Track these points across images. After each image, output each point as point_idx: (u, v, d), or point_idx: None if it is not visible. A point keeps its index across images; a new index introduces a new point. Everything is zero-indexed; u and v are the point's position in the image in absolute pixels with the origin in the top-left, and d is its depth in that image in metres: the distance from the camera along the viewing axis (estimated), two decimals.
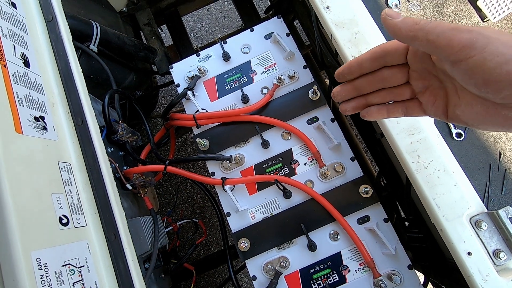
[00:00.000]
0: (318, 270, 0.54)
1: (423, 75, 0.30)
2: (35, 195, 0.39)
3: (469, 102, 0.27)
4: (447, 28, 0.24)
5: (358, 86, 0.34)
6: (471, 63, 0.23)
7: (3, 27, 0.46)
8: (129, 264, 0.44)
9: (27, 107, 0.44)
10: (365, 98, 0.35)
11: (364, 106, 0.35)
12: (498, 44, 0.23)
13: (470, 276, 0.40)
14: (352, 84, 0.34)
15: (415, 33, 0.25)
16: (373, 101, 0.35)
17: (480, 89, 0.25)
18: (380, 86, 0.33)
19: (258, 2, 1.58)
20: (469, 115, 0.28)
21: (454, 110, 0.29)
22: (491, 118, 0.26)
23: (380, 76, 0.32)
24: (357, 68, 0.33)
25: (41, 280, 0.35)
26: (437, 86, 0.30)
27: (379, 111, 0.35)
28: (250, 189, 0.59)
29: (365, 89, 0.34)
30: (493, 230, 0.42)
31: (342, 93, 0.35)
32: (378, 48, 0.31)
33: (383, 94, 0.34)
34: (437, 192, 0.43)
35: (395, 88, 0.33)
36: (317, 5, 0.52)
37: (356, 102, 0.35)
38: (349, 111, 0.36)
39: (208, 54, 0.67)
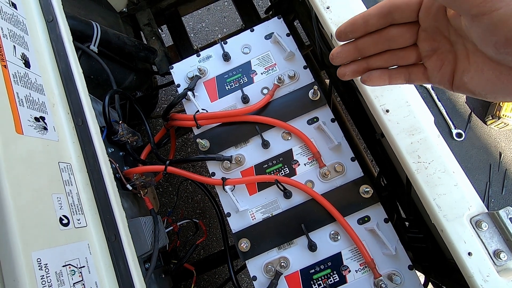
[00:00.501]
0: (319, 270, 0.54)
1: (433, 36, 0.28)
2: (35, 196, 0.39)
3: (480, 67, 0.25)
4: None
5: (361, 47, 0.31)
6: (496, 17, 0.21)
7: (3, 28, 0.46)
8: (129, 265, 0.44)
9: (28, 107, 0.44)
10: (367, 62, 0.32)
11: (365, 70, 0.32)
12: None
13: (470, 277, 0.40)
14: (355, 44, 0.31)
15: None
16: (375, 64, 0.31)
17: (499, 49, 0.22)
18: (385, 47, 0.30)
19: (259, 2, 1.58)
20: (478, 83, 0.25)
21: (462, 77, 0.26)
22: (502, 85, 0.24)
23: (386, 35, 0.29)
24: (361, 25, 0.29)
25: (42, 280, 0.35)
26: (446, 50, 0.27)
27: (381, 76, 0.32)
28: (251, 190, 0.59)
29: (368, 50, 0.31)
30: (493, 230, 0.42)
31: (342, 54, 0.32)
32: (387, 2, 0.28)
33: (386, 57, 0.31)
34: (437, 192, 0.43)
35: (400, 50, 0.30)
36: (317, 5, 0.52)
37: (356, 65, 0.32)
38: (348, 75, 0.33)
39: (208, 54, 0.67)
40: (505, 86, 0.24)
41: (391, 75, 0.31)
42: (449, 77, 0.28)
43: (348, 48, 0.31)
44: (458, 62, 0.27)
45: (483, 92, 0.26)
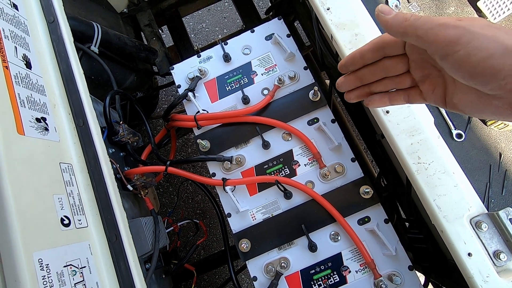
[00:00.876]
0: (319, 270, 0.54)
1: (422, 65, 0.31)
2: (36, 196, 0.39)
3: (464, 91, 0.28)
4: (435, 24, 0.25)
5: (361, 76, 0.35)
6: (457, 57, 0.25)
7: (4, 29, 0.46)
8: (130, 265, 0.45)
9: (29, 108, 0.44)
10: (368, 87, 0.36)
11: (367, 94, 0.36)
12: (483, 39, 0.24)
13: (470, 277, 0.40)
14: (355, 75, 0.35)
15: (405, 29, 0.27)
16: (376, 89, 0.35)
17: (467, 81, 0.26)
18: (382, 75, 0.34)
19: (259, 3, 1.58)
20: (465, 104, 0.28)
21: (452, 99, 0.29)
22: (484, 107, 0.27)
23: (382, 66, 0.33)
24: (359, 59, 0.34)
25: (43, 281, 0.35)
26: (436, 75, 0.31)
27: (381, 99, 0.36)
28: (251, 190, 0.59)
29: (367, 79, 0.35)
30: (493, 231, 0.42)
31: (346, 84, 0.36)
32: (378, 39, 0.32)
33: (385, 82, 0.35)
34: (437, 193, 0.43)
35: (396, 77, 0.34)
36: (317, 6, 0.52)
37: (359, 91, 0.36)
38: (353, 100, 0.37)
39: (208, 55, 0.67)
40: (486, 107, 0.27)
41: (391, 97, 0.35)
42: (442, 98, 0.31)
43: (350, 78, 0.36)
44: (447, 86, 0.30)
45: (472, 111, 0.29)
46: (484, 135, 1.09)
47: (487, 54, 0.23)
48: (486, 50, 0.23)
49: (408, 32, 0.26)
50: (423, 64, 0.31)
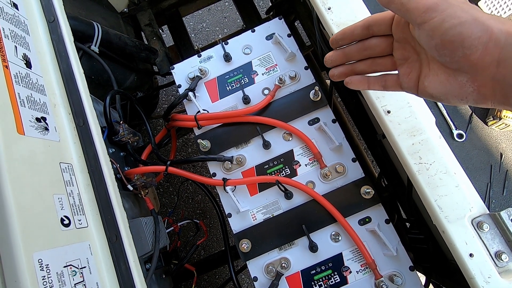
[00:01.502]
0: (320, 271, 0.54)
1: (404, 46, 0.33)
2: (36, 196, 0.39)
3: (436, 72, 0.30)
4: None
5: (347, 53, 0.37)
6: (432, 24, 0.27)
7: (4, 28, 0.46)
8: (130, 265, 0.44)
9: (29, 108, 0.44)
10: (352, 66, 0.38)
11: (350, 72, 0.38)
12: (457, 9, 0.26)
13: (472, 278, 0.40)
14: (343, 51, 0.38)
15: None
16: (359, 68, 0.38)
17: (439, 51, 0.28)
18: (367, 54, 0.36)
19: (259, 3, 1.58)
20: (434, 86, 0.30)
21: (424, 81, 0.31)
22: (451, 86, 0.29)
23: (368, 44, 0.36)
24: (349, 35, 0.36)
25: (43, 281, 0.35)
26: (414, 59, 0.33)
27: (361, 81, 0.38)
28: (251, 190, 0.59)
29: (353, 56, 0.37)
30: (495, 231, 0.42)
31: (332, 58, 0.39)
32: (369, 17, 0.35)
33: (368, 62, 0.37)
34: (438, 193, 0.43)
35: (379, 58, 0.36)
36: (318, 6, 0.52)
37: (344, 68, 0.39)
38: (336, 76, 0.39)
39: (209, 55, 0.67)
40: (452, 86, 0.29)
41: (370, 80, 0.37)
42: (415, 82, 0.33)
43: (338, 54, 0.38)
44: (422, 69, 0.32)
45: (438, 94, 0.31)
46: (485, 135, 1.08)
47: (458, 21, 0.25)
48: (458, 18, 0.26)
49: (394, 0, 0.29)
50: (405, 45, 0.33)
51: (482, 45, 0.25)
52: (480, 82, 0.27)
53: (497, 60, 0.25)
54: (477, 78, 0.27)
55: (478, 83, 0.27)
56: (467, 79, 0.28)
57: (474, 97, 0.28)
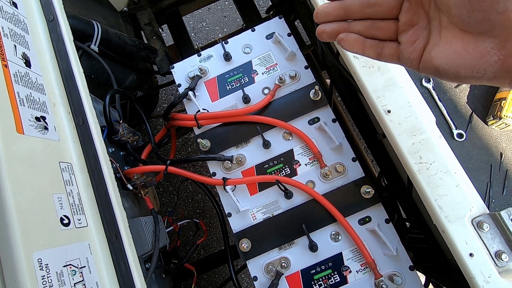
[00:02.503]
0: (319, 270, 0.54)
1: (415, 8, 0.29)
2: (36, 196, 0.39)
3: (449, 40, 0.26)
4: None
5: (347, 6, 0.32)
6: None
7: (4, 27, 0.46)
8: (130, 265, 0.44)
9: (28, 107, 0.44)
10: (348, 24, 0.32)
11: (344, 31, 0.32)
12: None
13: (472, 278, 0.40)
14: (341, 4, 0.32)
15: None
16: (355, 28, 0.32)
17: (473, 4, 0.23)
18: (369, 12, 0.31)
19: (259, 2, 1.58)
20: (444, 56, 0.27)
21: (430, 52, 0.28)
22: (467, 55, 0.25)
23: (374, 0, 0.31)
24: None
25: (43, 280, 0.35)
26: (423, 26, 0.29)
27: (357, 40, 0.32)
28: (251, 190, 0.59)
29: (352, 12, 0.32)
30: (495, 231, 0.42)
31: (326, 10, 0.32)
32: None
33: (367, 24, 0.32)
34: (439, 193, 0.43)
35: (380, 21, 0.31)
36: (318, 5, 0.51)
37: (338, 25, 0.32)
38: (327, 34, 0.33)
39: (209, 54, 0.67)
40: (470, 56, 0.25)
41: (366, 44, 0.32)
42: (419, 53, 0.29)
43: (335, 5, 0.32)
44: (430, 38, 0.28)
45: (447, 66, 0.27)
46: (485, 135, 1.08)
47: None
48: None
49: None
50: (416, 6, 0.29)
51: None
52: (510, 50, 0.23)
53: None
54: (508, 44, 0.23)
55: (506, 51, 0.23)
56: (494, 45, 0.24)
57: (496, 69, 0.24)
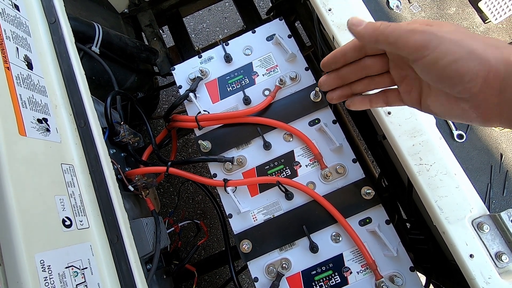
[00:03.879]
0: (320, 271, 0.54)
1: (400, 65, 0.32)
2: (38, 197, 0.39)
3: (437, 93, 0.29)
4: (404, 30, 0.26)
5: (342, 75, 0.35)
6: (426, 61, 0.26)
7: (6, 30, 0.46)
8: (131, 266, 0.45)
9: (30, 109, 0.44)
10: (350, 87, 0.36)
11: (349, 94, 0.37)
12: (449, 43, 0.25)
13: (472, 279, 0.40)
14: (337, 73, 0.36)
15: (376, 38, 0.28)
16: (357, 89, 0.36)
17: (436, 84, 0.27)
18: (362, 74, 0.35)
19: (260, 3, 1.58)
20: (437, 106, 0.29)
21: (426, 100, 0.30)
22: (452, 109, 0.28)
23: (363, 64, 0.34)
24: (341, 58, 0.34)
25: (45, 282, 0.35)
26: (413, 77, 0.31)
27: (362, 101, 0.36)
28: (252, 191, 0.59)
29: (349, 78, 0.35)
30: (495, 232, 0.42)
31: (327, 82, 0.37)
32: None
33: (366, 82, 0.35)
34: (439, 194, 0.43)
35: (376, 76, 0.34)
36: (319, 7, 0.52)
37: (341, 90, 0.37)
38: (335, 100, 0.38)
39: (210, 55, 0.67)
40: (454, 110, 0.28)
41: (371, 99, 0.36)
42: (417, 100, 0.32)
43: (332, 77, 0.36)
44: (422, 88, 0.31)
45: (441, 114, 0.30)
46: (485, 136, 1.09)
47: (453, 58, 0.24)
48: (452, 55, 0.24)
49: (379, 40, 0.28)
50: (401, 64, 0.31)
51: (481, 78, 0.24)
52: (484, 110, 0.26)
53: (498, 89, 0.24)
54: (480, 106, 0.26)
55: (481, 110, 0.26)
56: (470, 106, 0.27)
57: (479, 121, 0.27)
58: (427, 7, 0.88)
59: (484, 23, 0.85)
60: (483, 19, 0.85)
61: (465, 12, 0.87)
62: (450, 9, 0.87)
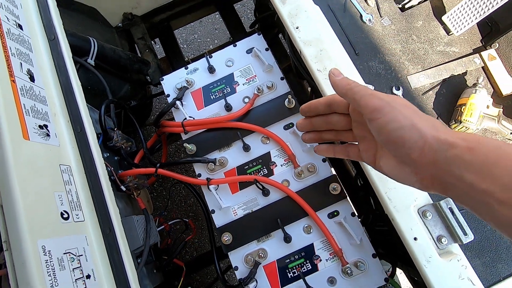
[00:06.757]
0: (293, 260, 0.60)
1: (360, 127, 0.37)
2: (40, 193, 0.45)
3: (387, 156, 0.33)
4: (368, 93, 0.32)
5: (314, 123, 0.42)
6: (379, 123, 0.30)
7: (11, 47, 0.53)
8: (122, 255, 0.50)
9: (33, 116, 0.50)
10: (321, 134, 0.43)
11: (318, 139, 0.43)
12: (398, 113, 0.29)
13: (416, 258, 0.46)
14: (310, 120, 0.42)
15: (346, 91, 0.33)
16: (325, 137, 0.42)
17: (385, 146, 0.32)
18: (330, 127, 0.41)
19: (248, 16, 1.66)
20: (387, 167, 0.34)
21: (379, 161, 0.35)
22: (399, 172, 0.32)
23: (330, 119, 0.40)
24: (314, 109, 0.40)
25: (46, 264, 0.40)
26: (370, 139, 0.36)
27: (327, 150, 0.43)
28: (233, 189, 0.65)
29: (319, 127, 0.42)
30: (437, 219, 0.48)
31: (302, 125, 0.43)
32: (331, 96, 0.39)
33: (333, 133, 0.41)
34: (388, 186, 0.50)
35: (342, 131, 0.40)
36: (288, 25, 0.59)
37: (313, 134, 0.43)
38: (307, 141, 0.44)
39: (195, 67, 0.74)
40: (401, 173, 0.32)
41: (336, 150, 0.42)
42: (372, 159, 0.36)
43: (306, 122, 0.43)
44: (377, 150, 0.35)
45: (392, 176, 0.34)
46: None
47: (399, 125, 0.29)
48: (398, 122, 0.29)
49: (348, 94, 0.33)
50: (361, 126, 0.37)
51: (419, 148, 0.28)
52: (422, 176, 0.30)
53: (432, 161, 0.28)
54: (419, 172, 0.30)
55: (420, 176, 0.30)
56: (411, 170, 0.31)
57: (419, 185, 0.31)
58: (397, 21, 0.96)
59: (448, 35, 0.93)
60: (446, 32, 0.93)
61: (431, 25, 0.95)
62: (417, 23, 0.96)
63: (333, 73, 0.35)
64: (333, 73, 0.35)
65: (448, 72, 0.88)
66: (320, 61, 0.56)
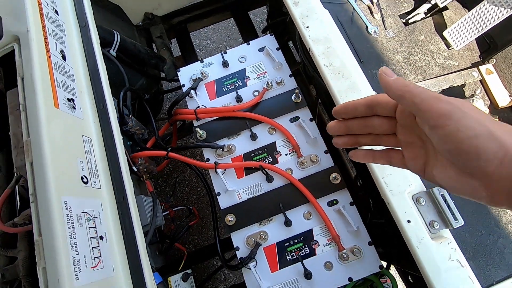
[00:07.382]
0: (292, 243, 0.63)
1: (408, 132, 0.32)
2: (65, 156, 0.49)
3: (444, 165, 0.29)
4: (431, 96, 0.27)
5: (349, 126, 0.36)
6: (447, 130, 0.26)
7: (49, 28, 0.59)
8: (133, 221, 0.54)
9: (63, 90, 0.55)
10: (356, 138, 0.37)
11: (353, 143, 0.37)
12: (471, 119, 0.25)
13: (408, 239, 0.49)
14: (345, 123, 0.37)
15: (403, 93, 0.28)
16: (362, 141, 0.37)
17: (452, 156, 0.27)
18: (369, 131, 0.36)
19: (260, 25, 1.75)
20: (443, 178, 0.29)
21: (431, 170, 0.30)
22: (461, 185, 0.28)
23: (370, 122, 0.35)
24: (352, 110, 0.35)
25: (67, 217, 0.44)
26: (419, 145, 0.31)
27: (365, 155, 0.37)
28: (239, 174, 0.69)
29: (355, 130, 0.36)
30: (429, 205, 0.52)
31: (335, 128, 0.38)
32: (373, 97, 0.34)
33: (372, 137, 0.36)
34: (385, 172, 0.53)
35: (382, 135, 0.35)
36: (299, 25, 0.65)
37: (347, 138, 0.38)
38: (340, 145, 0.39)
39: (210, 61, 0.79)
40: (463, 186, 0.28)
41: (375, 156, 0.37)
42: (422, 168, 0.31)
43: (340, 125, 0.37)
44: (428, 157, 0.31)
45: (448, 187, 0.29)
46: None
47: (474, 133, 0.24)
48: (473, 130, 0.25)
49: (405, 96, 0.28)
50: (409, 131, 0.32)
51: (498, 160, 0.24)
52: (494, 191, 0.26)
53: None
54: (491, 186, 0.26)
55: (492, 191, 0.26)
56: (480, 184, 0.26)
57: (488, 201, 0.27)
58: (400, 34, 1.02)
59: (448, 49, 0.99)
60: (447, 46, 0.99)
61: (432, 39, 1.01)
62: (419, 36, 1.01)
63: (384, 72, 0.30)
64: (384, 73, 0.30)
65: (448, 83, 0.93)
66: (327, 57, 0.61)
